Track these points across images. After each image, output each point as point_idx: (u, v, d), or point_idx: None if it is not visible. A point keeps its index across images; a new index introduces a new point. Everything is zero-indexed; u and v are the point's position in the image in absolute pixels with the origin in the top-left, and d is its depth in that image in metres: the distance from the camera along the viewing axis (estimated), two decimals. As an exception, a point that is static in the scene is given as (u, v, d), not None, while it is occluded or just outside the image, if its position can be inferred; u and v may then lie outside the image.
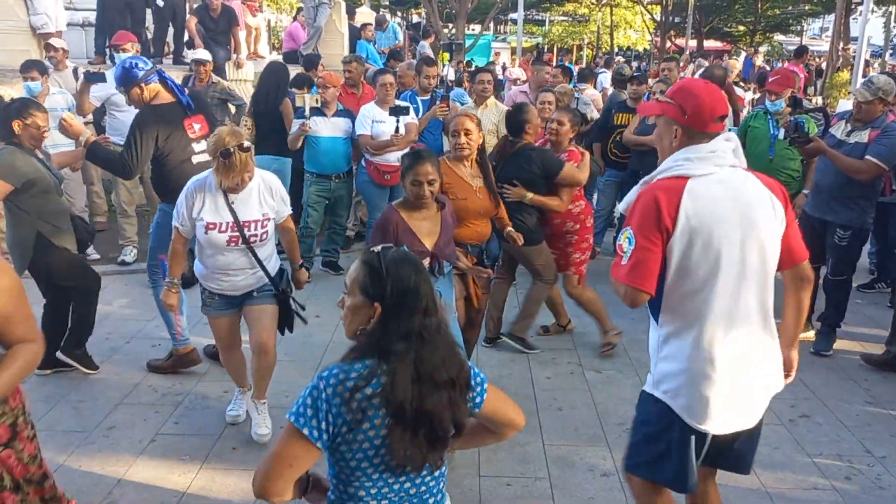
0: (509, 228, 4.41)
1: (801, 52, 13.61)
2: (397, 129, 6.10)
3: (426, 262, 3.41)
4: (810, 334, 5.33)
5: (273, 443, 1.89)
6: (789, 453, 3.89)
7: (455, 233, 3.85)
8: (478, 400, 1.91)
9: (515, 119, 4.77)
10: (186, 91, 4.55)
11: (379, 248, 1.87)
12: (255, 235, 3.63)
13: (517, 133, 4.73)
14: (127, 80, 4.28)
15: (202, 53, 7.41)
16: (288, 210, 3.84)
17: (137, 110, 4.40)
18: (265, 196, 3.68)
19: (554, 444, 3.95)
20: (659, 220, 2.25)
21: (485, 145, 4.31)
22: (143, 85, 4.28)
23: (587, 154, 4.99)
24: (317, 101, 6.14)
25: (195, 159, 4.39)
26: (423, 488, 1.89)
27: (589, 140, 7.09)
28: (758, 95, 10.44)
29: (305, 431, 1.73)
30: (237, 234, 3.59)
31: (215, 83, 7.46)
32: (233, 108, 7.64)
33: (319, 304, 5.39)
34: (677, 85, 2.51)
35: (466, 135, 4.07)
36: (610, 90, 9.13)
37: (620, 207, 2.59)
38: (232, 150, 3.38)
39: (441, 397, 1.77)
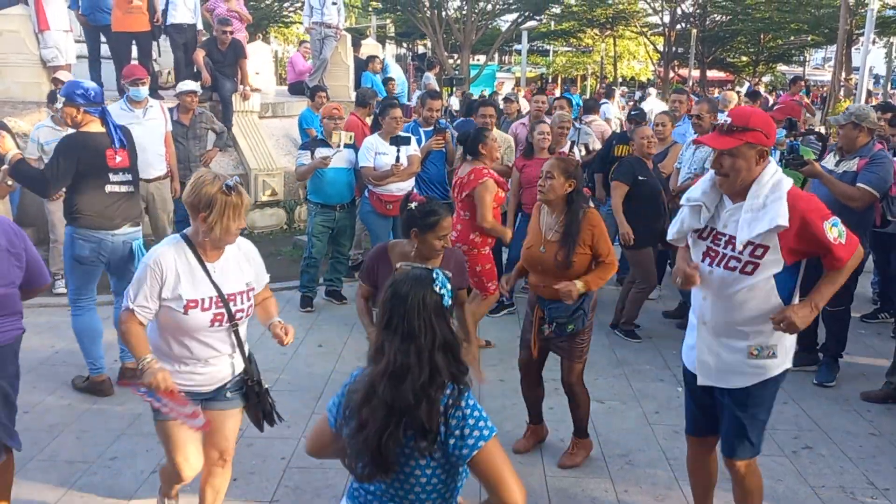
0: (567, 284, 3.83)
1: (795, 81, 14.47)
2: (398, 159, 6.18)
3: None
4: (812, 367, 5.31)
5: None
6: (792, 485, 3.87)
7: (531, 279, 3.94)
8: (470, 442, 1.88)
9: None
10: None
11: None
12: (242, 310, 2.97)
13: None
14: (70, 96, 4.45)
15: (190, 84, 7.48)
16: (267, 277, 3.16)
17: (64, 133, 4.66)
18: (242, 264, 3.02)
19: (555, 475, 3.94)
20: None
21: (577, 195, 3.80)
22: (80, 110, 4.47)
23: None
24: (350, 137, 6.30)
25: (108, 188, 4.58)
26: (412, 497, 1.94)
27: (591, 170, 7.17)
28: None
29: (329, 417, 2.05)
30: (222, 310, 2.90)
31: (201, 114, 7.56)
32: (212, 136, 7.70)
33: (323, 333, 5.38)
34: (745, 113, 2.76)
35: (548, 178, 3.76)
36: (612, 123, 9.19)
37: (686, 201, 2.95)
38: (233, 183, 2.79)
39: (379, 421, 1.87)
